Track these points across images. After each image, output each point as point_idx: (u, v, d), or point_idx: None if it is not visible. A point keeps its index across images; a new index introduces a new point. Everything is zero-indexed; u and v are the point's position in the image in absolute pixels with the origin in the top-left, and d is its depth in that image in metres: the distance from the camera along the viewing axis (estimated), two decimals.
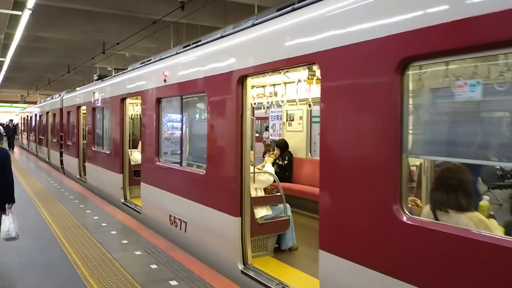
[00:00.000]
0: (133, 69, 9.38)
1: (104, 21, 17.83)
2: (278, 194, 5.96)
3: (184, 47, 7.44)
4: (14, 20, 14.93)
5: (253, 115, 5.26)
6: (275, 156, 8.39)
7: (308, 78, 5.66)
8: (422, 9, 2.89)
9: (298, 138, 9.13)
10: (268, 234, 5.67)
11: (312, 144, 9.12)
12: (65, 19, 17.13)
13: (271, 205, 5.76)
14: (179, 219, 6.58)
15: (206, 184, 5.78)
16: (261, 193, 5.85)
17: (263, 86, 7.59)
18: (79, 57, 24.69)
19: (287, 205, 5.95)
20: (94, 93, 11.69)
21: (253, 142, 5.21)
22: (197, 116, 6.77)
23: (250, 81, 5.07)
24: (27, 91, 43.49)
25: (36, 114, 25.33)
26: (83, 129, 14.02)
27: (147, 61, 9.30)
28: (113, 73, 13.42)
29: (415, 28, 2.89)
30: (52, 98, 21.20)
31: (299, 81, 6.38)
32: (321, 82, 3.78)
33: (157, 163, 7.50)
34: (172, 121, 7.49)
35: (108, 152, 10.37)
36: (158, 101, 7.51)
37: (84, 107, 13.43)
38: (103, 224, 7.74)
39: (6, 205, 5.12)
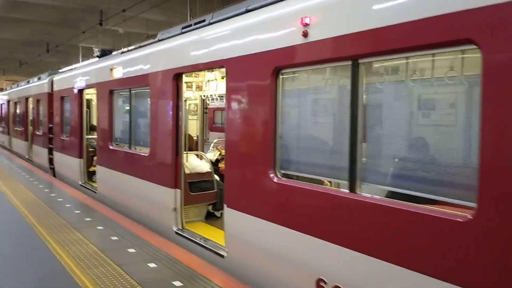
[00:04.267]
0: (196, 27, 6.11)
1: None
2: None
3: None
4: None
5: None
6: None
7: None
8: None
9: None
10: None
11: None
12: None
13: None
14: None
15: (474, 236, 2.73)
16: None
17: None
18: (60, 32, 20.97)
19: None
20: (112, 69, 8.34)
21: None
22: (414, 92, 3.50)
23: None
24: None
25: (8, 102, 21.37)
26: (86, 120, 10.62)
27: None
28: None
29: None
30: (28, 82, 17.31)
31: None
32: None
33: (275, 180, 4.38)
34: (313, 109, 4.37)
35: (146, 155, 7.10)
36: (276, 73, 4.38)
37: (89, 90, 10.04)
38: (174, 283, 4.58)
39: None
